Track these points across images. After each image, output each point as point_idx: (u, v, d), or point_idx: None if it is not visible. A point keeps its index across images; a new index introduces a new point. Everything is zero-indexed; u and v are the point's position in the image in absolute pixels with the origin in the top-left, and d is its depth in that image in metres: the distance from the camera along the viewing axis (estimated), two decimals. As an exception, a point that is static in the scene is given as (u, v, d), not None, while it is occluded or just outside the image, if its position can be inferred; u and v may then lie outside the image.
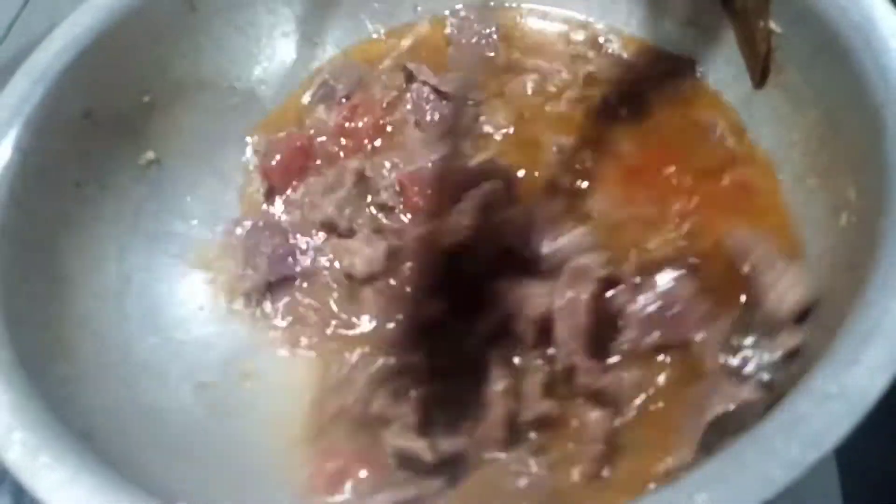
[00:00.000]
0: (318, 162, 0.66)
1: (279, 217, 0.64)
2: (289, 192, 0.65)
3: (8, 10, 0.70)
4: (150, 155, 0.64)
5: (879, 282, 0.39)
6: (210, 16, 0.68)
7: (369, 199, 0.62)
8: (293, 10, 0.72)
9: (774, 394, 0.42)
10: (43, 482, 0.39)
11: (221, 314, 0.60)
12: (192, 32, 0.68)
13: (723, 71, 0.63)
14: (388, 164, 0.62)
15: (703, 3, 0.62)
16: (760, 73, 0.58)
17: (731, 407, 0.44)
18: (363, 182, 0.62)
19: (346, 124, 0.66)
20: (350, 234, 0.61)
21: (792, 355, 0.46)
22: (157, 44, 0.65)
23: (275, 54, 0.72)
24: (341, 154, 0.66)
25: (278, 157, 0.65)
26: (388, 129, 0.67)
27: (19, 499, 0.63)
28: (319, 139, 0.67)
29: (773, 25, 0.56)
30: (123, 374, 0.53)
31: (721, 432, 0.41)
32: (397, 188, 0.61)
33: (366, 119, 0.66)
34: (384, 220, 0.61)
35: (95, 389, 0.50)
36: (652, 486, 0.43)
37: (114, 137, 0.61)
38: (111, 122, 0.61)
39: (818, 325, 0.43)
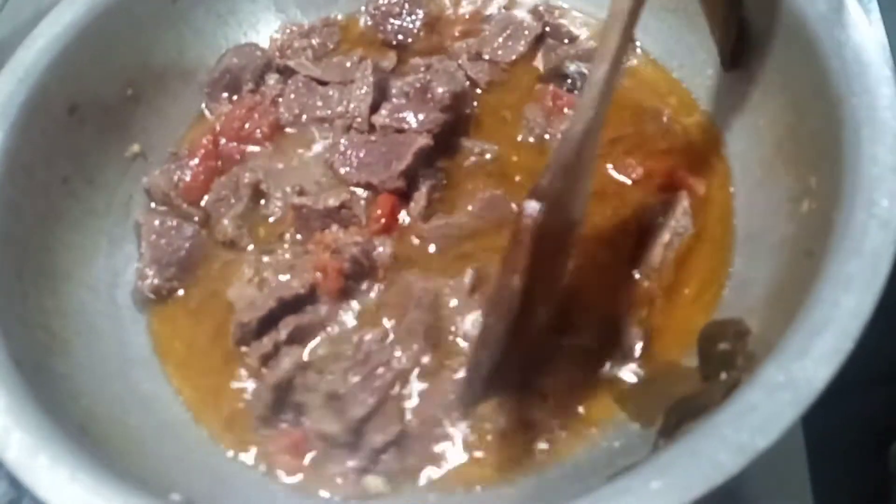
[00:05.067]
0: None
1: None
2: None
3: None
4: (136, 148, 0.65)
5: (832, 274, 0.40)
6: (191, 5, 0.69)
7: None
8: (273, -4, 0.73)
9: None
10: (42, 481, 0.41)
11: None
12: (174, 23, 0.68)
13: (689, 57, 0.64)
14: (287, 189, 0.62)
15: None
16: (730, 57, 0.59)
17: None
18: (258, 195, 0.62)
19: (245, 126, 0.66)
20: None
21: None
22: (138, 36, 0.66)
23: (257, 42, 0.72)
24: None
25: (189, 174, 0.64)
26: (287, 130, 0.66)
27: (16, 482, 0.65)
28: (222, 142, 0.66)
29: (744, 11, 0.57)
30: (118, 365, 0.55)
31: (680, 417, 0.43)
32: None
33: (262, 123, 0.66)
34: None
35: (92, 381, 0.52)
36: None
37: (99, 132, 0.63)
38: (96, 117, 0.62)
39: (777, 310, 0.45)
